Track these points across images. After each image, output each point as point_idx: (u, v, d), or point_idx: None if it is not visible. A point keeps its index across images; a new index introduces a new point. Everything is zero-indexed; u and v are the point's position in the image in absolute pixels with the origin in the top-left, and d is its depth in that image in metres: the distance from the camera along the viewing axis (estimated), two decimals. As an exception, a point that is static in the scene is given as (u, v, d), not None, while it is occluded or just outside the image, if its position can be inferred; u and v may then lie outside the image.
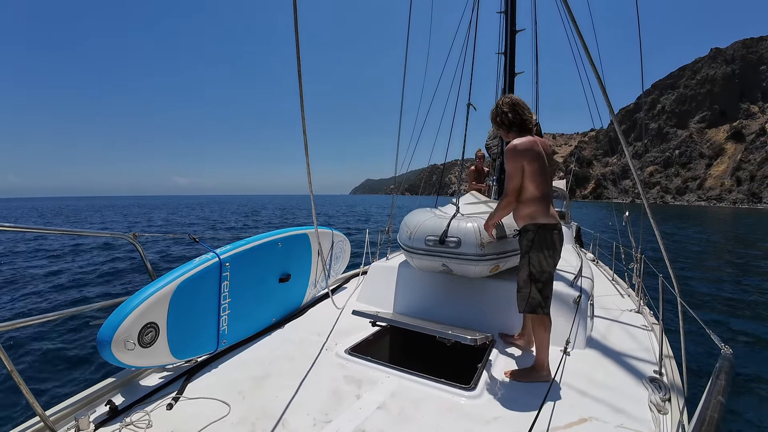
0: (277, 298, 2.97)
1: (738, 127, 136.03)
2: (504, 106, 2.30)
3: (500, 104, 2.34)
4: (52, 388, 3.89)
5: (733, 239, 23.26)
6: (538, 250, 2.18)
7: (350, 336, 2.71)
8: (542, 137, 4.87)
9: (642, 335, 2.85)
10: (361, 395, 1.97)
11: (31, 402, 1.49)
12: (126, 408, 1.78)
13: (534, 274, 2.18)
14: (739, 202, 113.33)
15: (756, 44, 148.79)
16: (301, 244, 3.25)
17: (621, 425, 1.75)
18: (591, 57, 1.69)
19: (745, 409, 3.98)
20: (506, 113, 2.28)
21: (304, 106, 2.21)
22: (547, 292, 2.21)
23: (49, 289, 7.83)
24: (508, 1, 4.86)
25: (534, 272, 2.18)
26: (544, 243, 2.18)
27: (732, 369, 1.43)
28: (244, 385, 2.04)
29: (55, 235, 15.03)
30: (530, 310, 2.19)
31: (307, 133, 2.25)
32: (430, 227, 2.80)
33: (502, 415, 1.83)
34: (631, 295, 3.95)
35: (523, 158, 2.16)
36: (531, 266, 2.18)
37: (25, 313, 6.42)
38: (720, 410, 1.08)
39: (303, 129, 2.24)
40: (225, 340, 2.43)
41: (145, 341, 1.93)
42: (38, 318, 1.75)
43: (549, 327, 2.22)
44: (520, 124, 2.29)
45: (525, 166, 2.18)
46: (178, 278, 2.10)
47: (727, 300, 8.74)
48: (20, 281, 8.37)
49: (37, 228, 1.86)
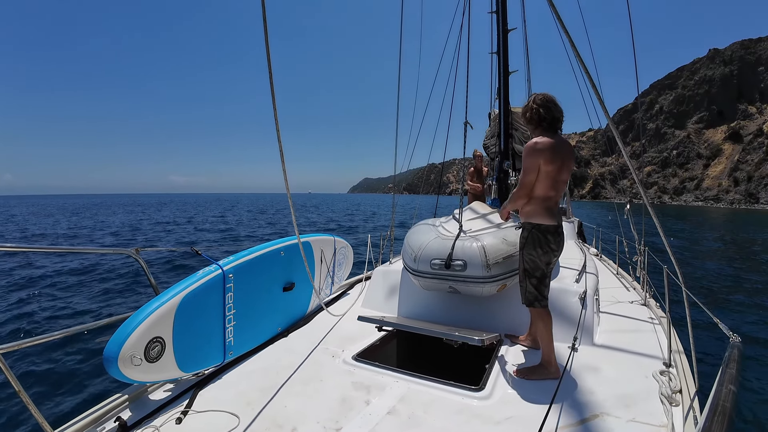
0: (281, 307, 2.96)
1: (736, 128, 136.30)
2: (536, 102, 2.26)
3: (533, 100, 2.29)
4: (60, 407, 3.88)
5: (732, 237, 23.20)
6: (531, 248, 2.24)
7: (356, 342, 2.70)
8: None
9: (649, 328, 2.84)
10: (370, 401, 1.97)
11: (41, 422, 1.48)
12: (135, 424, 1.78)
13: (528, 270, 2.26)
14: (737, 202, 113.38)
15: (754, 45, 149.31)
16: (304, 252, 3.25)
17: (633, 419, 1.74)
18: (583, 61, 1.67)
19: (756, 395, 3.95)
20: (537, 109, 2.24)
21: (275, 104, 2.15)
22: (543, 288, 2.26)
23: (52, 307, 7.82)
24: (499, 1, 4.88)
25: (527, 268, 2.26)
26: (537, 242, 2.23)
27: (741, 357, 1.42)
28: (252, 395, 2.04)
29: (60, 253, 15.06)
30: (528, 303, 2.29)
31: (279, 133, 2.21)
32: (435, 250, 2.78)
33: (512, 415, 1.82)
34: (636, 288, 3.94)
35: (540, 157, 2.16)
36: (524, 262, 2.28)
37: (30, 332, 6.41)
38: (732, 399, 1.07)
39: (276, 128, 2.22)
40: (232, 351, 2.42)
41: (152, 356, 1.92)
42: (43, 338, 1.75)
43: (549, 322, 2.26)
44: (550, 122, 2.26)
45: (541, 166, 2.18)
46: (182, 292, 2.10)
47: (731, 289, 8.71)
48: (23, 299, 8.37)
49: (39, 248, 1.87)
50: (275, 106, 2.18)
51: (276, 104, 2.16)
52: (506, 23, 4.89)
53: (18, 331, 6.39)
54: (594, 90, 1.77)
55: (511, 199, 2.37)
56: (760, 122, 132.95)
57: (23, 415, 3.62)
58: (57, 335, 1.81)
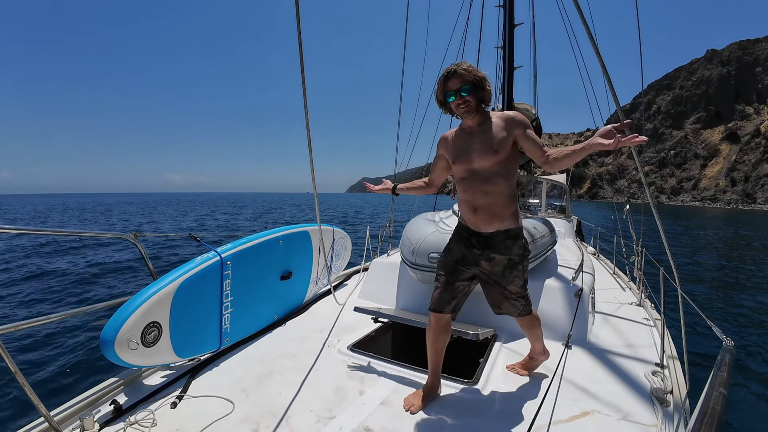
0: (278, 295, 2.98)
1: (733, 128, 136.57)
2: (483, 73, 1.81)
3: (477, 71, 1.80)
4: (56, 389, 3.90)
5: (731, 237, 23.29)
6: (527, 258, 1.96)
7: (352, 332, 2.72)
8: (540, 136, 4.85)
9: (643, 328, 2.85)
10: (364, 391, 1.98)
11: (36, 403, 1.49)
12: (130, 407, 1.79)
13: (527, 280, 1.98)
14: (734, 202, 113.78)
15: (752, 46, 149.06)
16: (302, 241, 3.25)
17: (623, 418, 1.75)
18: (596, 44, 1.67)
19: (746, 400, 3.99)
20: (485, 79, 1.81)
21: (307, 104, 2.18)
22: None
23: (51, 290, 7.84)
24: (506, -5, 4.83)
25: (527, 279, 1.98)
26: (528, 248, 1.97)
27: (733, 361, 1.43)
28: (247, 382, 2.05)
29: (56, 236, 15.06)
30: (528, 311, 2.03)
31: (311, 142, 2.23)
32: (434, 243, 2.78)
33: (504, 409, 1.84)
34: (632, 289, 3.96)
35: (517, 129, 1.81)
36: (525, 273, 1.96)
37: (26, 315, 6.43)
38: (722, 402, 1.08)
39: (307, 126, 2.23)
40: (228, 338, 2.44)
41: (148, 340, 1.93)
42: (41, 319, 1.76)
43: (539, 319, 2.15)
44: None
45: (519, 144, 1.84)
46: (179, 277, 2.11)
47: (727, 290, 8.76)
48: (21, 282, 8.38)
49: (37, 229, 1.86)
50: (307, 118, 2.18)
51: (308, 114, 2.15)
52: (513, 18, 4.85)
53: (15, 314, 6.41)
54: (608, 82, 1.78)
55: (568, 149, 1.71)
56: (758, 123, 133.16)
57: (19, 397, 3.64)
58: (54, 317, 1.81)
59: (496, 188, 1.84)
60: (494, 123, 1.85)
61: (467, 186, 1.90)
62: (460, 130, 1.96)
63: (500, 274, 1.89)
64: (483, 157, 1.84)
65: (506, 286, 1.91)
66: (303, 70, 2.07)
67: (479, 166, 1.85)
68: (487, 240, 1.89)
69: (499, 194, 1.85)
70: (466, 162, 1.89)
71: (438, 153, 2.09)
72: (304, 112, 2.17)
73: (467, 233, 1.96)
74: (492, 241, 1.88)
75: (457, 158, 1.93)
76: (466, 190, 1.91)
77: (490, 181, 1.84)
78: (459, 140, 1.94)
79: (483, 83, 1.80)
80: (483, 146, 1.83)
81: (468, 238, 1.95)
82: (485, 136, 1.84)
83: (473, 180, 1.88)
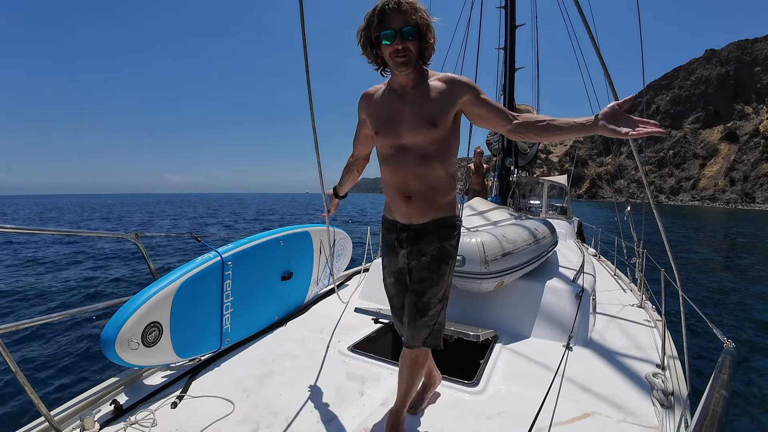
0: (279, 296, 2.97)
1: (732, 128, 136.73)
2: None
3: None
4: (56, 389, 3.91)
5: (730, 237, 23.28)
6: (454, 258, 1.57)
7: (353, 333, 2.72)
8: None
9: (644, 330, 2.85)
10: (365, 392, 1.98)
11: (36, 402, 1.49)
12: (130, 407, 1.79)
13: (448, 289, 1.58)
14: (733, 202, 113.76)
15: (751, 46, 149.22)
16: (303, 242, 3.25)
17: (624, 420, 1.75)
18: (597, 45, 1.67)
19: (747, 401, 3.98)
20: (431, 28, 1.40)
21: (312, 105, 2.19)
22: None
23: (51, 290, 7.85)
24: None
25: (449, 286, 1.58)
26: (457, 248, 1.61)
27: (734, 363, 1.43)
28: (247, 382, 2.05)
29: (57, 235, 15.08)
30: (435, 343, 1.56)
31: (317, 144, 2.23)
32: None
33: (505, 411, 1.84)
34: (633, 290, 3.95)
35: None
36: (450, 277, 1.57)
37: (28, 314, 6.44)
38: (723, 404, 1.08)
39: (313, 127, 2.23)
40: (228, 338, 2.44)
41: (149, 340, 1.93)
42: (42, 319, 1.76)
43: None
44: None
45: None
46: (180, 277, 2.11)
47: (727, 291, 8.75)
48: (21, 282, 8.39)
49: (37, 229, 1.86)
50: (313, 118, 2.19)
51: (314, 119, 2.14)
52: (514, 19, 4.86)
53: (15, 313, 6.41)
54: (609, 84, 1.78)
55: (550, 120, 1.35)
56: (756, 122, 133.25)
57: (19, 396, 3.64)
58: (55, 317, 1.82)
59: (433, 173, 1.46)
60: (433, 86, 1.44)
61: (395, 167, 1.49)
62: (388, 89, 1.52)
63: (426, 268, 1.51)
64: (416, 131, 1.43)
65: (425, 291, 1.51)
66: (308, 71, 2.07)
67: (411, 142, 1.45)
68: (417, 233, 1.53)
69: (437, 179, 1.48)
70: (393, 135, 1.47)
71: (360, 116, 1.66)
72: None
73: (396, 229, 1.58)
74: (423, 233, 1.52)
75: (381, 129, 1.50)
76: (395, 172, 1.50)
77: (427, 162, 1.45)
78: (386, 104, 1.50)
79: (428, 31, 1.38)
80: (417, 116, 1.43)
81: (397, 234, 1.58)
82: (421, 103, 1.43)
83: (402, 158, 1.47)
